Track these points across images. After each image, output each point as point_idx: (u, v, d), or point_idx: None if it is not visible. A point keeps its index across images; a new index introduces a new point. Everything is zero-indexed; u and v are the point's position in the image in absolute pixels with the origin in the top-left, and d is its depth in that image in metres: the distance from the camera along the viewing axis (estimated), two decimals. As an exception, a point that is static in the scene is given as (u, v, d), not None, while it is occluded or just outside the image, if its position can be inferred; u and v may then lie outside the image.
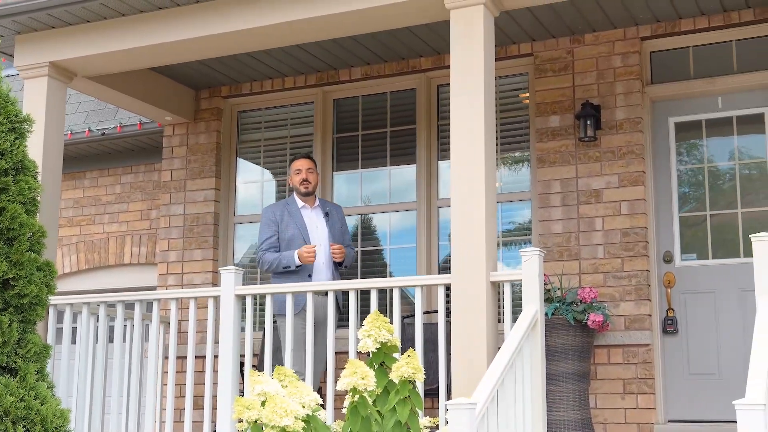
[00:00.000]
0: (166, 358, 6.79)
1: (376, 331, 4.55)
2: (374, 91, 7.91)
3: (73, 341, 8.86)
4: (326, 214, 6.62)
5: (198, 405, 7.30)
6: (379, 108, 7.92)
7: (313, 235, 6.54)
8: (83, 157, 10.11)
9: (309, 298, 5.83)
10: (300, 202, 6.63)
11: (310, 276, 6.40)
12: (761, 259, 4.83)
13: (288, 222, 6.52)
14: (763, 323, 4.55)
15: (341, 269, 6.68)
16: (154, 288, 8.96)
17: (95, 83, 7.35)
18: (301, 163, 6.66)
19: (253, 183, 8.36)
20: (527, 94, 7.39)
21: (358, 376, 4.37)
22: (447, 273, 5.78)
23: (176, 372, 6.58)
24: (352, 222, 7.79)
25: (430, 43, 7.29)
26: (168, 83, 8.10)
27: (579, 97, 6.98)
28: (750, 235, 4.93)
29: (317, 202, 6.71)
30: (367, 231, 7.84)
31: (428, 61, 7.58)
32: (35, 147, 6.39)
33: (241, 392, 6.65)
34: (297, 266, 6.35)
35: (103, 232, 10.12)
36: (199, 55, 6.81)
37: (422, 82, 7.68)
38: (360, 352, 5.19)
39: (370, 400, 4.55)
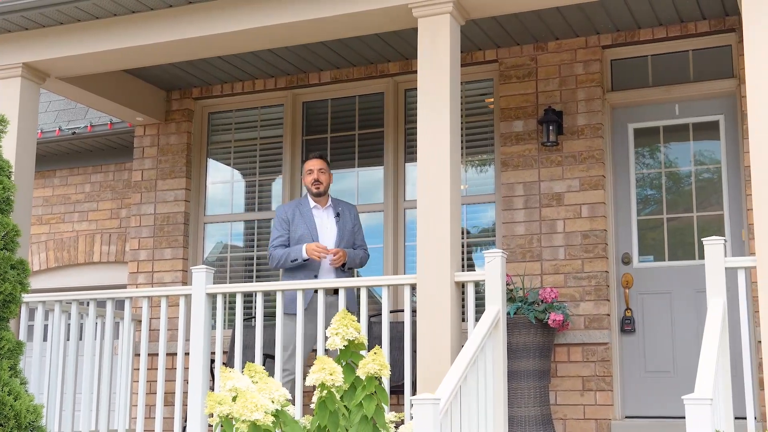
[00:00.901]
0: (137, 355, 6.91)
1: (344, 329, 4.73)
2: (343, 95, 8.08)
3: (45, 338, 8.95)
4: (337, 215, 6.62)
5: (169, 401, 7.42)
6: (347, 111, 8.09)
7: (322, 236, 6.57)
8: (53, 155, 10.19)
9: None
10: (312, 202, 6.65)
11: (316, 276, 6.42)
12: (712, 261, 5.06)
13: (299, 222, 6.55)
14: (713, 323, 4.77)
15: (346, 270, 6.64)
16: (123, 286, 9.07)
17: (68, 84, 7.44)
18: (313, 164, 6.65)
19: (223, 183, 8.50)
20: (492, 99, 7.59)
21: (327, 372, 4.54)
22: (413, 273, 5.95)
23: (147, 369, 6.70)
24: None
25: (398, 49, 7.47)
26: (140, 84, 8.21)
27: (542, 103, 7.20)
28: (702, 239, 5.15)
29: (330, 202, 6.70)
30: (335, 231, 7.99)
31: (396, 65, 7.76)
32: (8, 147, 6.51)
33: (212, 389, 6.79)
34: (304, 259, 6.38)
35: (72, 230, 10.20)
36: (171, 58, 6.94)
37: (390, 86, 7.86)
38: (328, 349, 5.37)
39: (337, 396, 4.72)
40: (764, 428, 4.13)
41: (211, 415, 4.47)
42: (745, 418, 4.96)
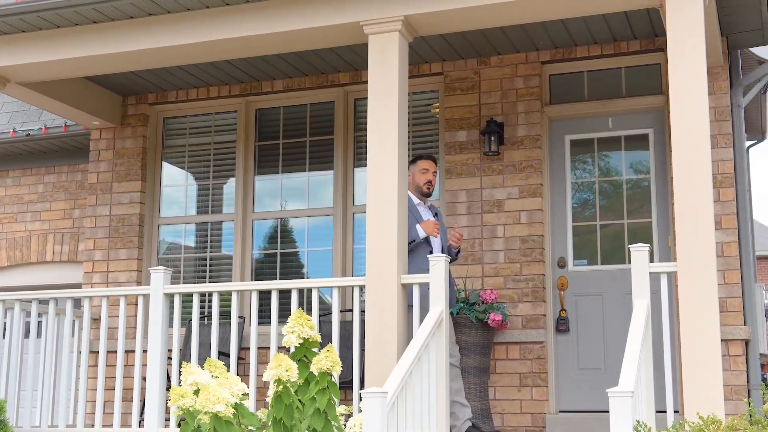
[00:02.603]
0: (96, 352, 7.17)
1: (299, 327, 5.09)
2: (295, 103, 8.41)
3: (3, 336, 9.12)
4: (435, 214, 6.63)
5: (127, 397, 7.68)
6: (299, 118, 8.43)
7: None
8: (6, 156, 10.35)
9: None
10: (416, 199, 6.57)
11: (431, 252, 6.37)
12: (638, 266, 5.49)
13: (409, 215, 6.42)
14: (637, 323, 5.20)
15: (457, 257, 6.73)
16: (77, 285, 9.29)
17: (27, 89, 7.66)
18: (429, 164, 6.60)
19: (177, 186, 8.77)
20: (438, 107, 7.98)
21: (283, 369, 4.89)
22: (361, 274, 6.30)
23: (106, 366, 6.96)
24: (269, 226, 8.29)
25: (349, 60, 7.83)
26: (97, 90, 8.45)
27: (484, 115, 7.61)
28: (630, 246, 5.59)
29: (428, 202, 6.71)
30: (285, 234, 8.33)
31: (346, 76, 8.11)
32: (-29, 150, 6.71)
33: (168, 384, 7.07)
34: (423, 237, 6.34)
35: (25, 230, 10.37)
36: (129, 67, 7.19)
37: (340, 95, 8.21)
38: (281, 346, 5.69)
39: (292, 391, 5.06)
40: (683, 420, 4.55)
41: (174, 408, 4.77)
42: (666, 411, 5.42)
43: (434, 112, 8.01)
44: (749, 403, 4.73)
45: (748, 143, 16.83)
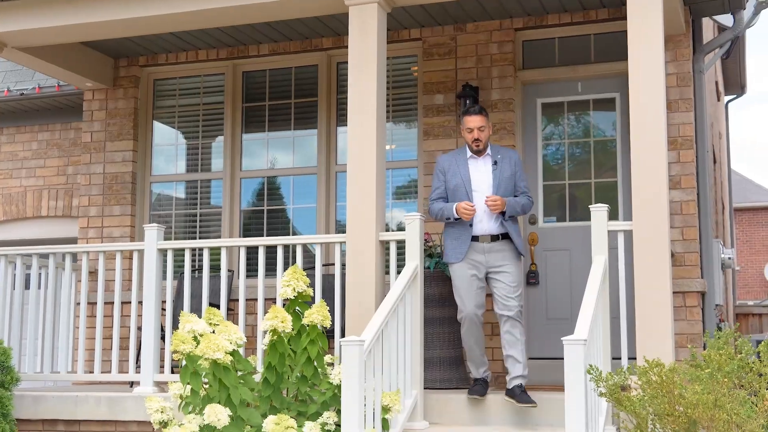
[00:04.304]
0: (93, 303, 7.62)
1: (294, 282, 5.56)
2: (280, 66, 8.79)
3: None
4: (495, 163, 6.46)
5: (123, 346, 8.15)
6: (284, 81, 8.80)
7: (476, 185, 6.42)
8: (0, 114, 10.71)
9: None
10: (469, 153, 6.50)
11: (471, 225, 6.36)
12: (597, 224, 5.97)
13: (455, 171, 6.45)
14: (594, 276, 5.68)
15: (506, 219, 6.42)
16: (73, 239, 9.73)
17: (23, 53, 8.00)
18: (473, 121, 6.43)
19: (167, 145, 9.16)
20: (416, 68, 8.36)
21: (279, 320, 5.36)
22: (343, 230, 6.74)
23: (104, 316, 7.42)
24: (256, 183, 8.72)
25: (332, 26, 8.19)
26: (89, 53, 8.79)
27: (460, 79, 8.00)
28: (590, 206, 6.05)
29: (488, 152, 6.51)
30: (272, 191, 8.75)
31: (329, 41, 8.48)
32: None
33: (162, 334, 7.53)
34: (455, 218, 6.34)
35: (20, 185, 10.78)
36: (122, 33, 7.56)
37: (323, 59, 8.58)
38: (267, 298, 6.14)
39: (285, 340, 5.54)
40: (629, 365, 5.04)
41: (175, 352, 5.23)
42: (620, 358, 5.93)
43: (413, 70, 8.38)
44: (691, 349, 5.24)
45: (728, 98, 17.34)
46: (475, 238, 6.37)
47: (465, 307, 6.35)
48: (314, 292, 6.63)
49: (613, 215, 7.49)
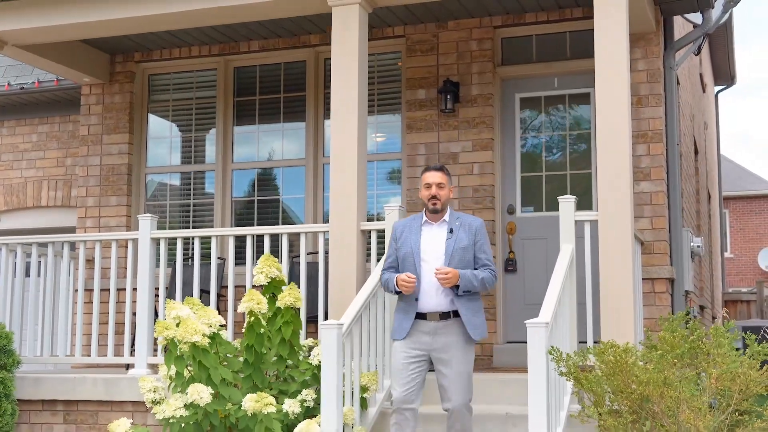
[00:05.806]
0: (90, 290, 7.99)
1: (267, 268, 5.91)
2: (270, 62, 9.13)
3: None
4: (450, 231, 5.70)
5: (119, 331, 8.51)
6: (274, 76, 9.15)
7: (425, 255, 5.64)
8: (1, 108, 11.08)
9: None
10: (424, 218, 5.79)
11: (416, 300, 5.59)
12: (564, 215, 6.32)
13: (406, 238, 5.72)
14: (561, 264, 6.03)
15: (461, 294, 5.60)
16: (72, 228, 10.10)
17: (23, 51, 8.34)
18: (432, 176, 5.77)
19: (162, 138, 9.51)
20: (400, 63, 8.70)
21: (254, 302, 5.73)
22: (326, 223, 7.08)
23: (100, 302, 7.79)
24: (248, 175, 9.07)
25: (319, 24, 8.52)
26: (87, 49, 9.13)
27: (442, 75, 8.34)
28: (558, 197, 6.39)
29: (446, 218, 5.78)
30: (262, 182, 9.10)
31: (317, 37, 8.82)
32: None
33: (155, 318, 7.89)
34: (397, 291, 5.63)
35: (21, 176, 11.15)
36: (119, 32, 7.93)
37: (311, 55, 8.92)
38: (254, 285, 6.48)
39: (263, 322, 5.90)
40: (595, 348, 5.39)
41: (159, 339, 5.61)
42: (586, 342, 6.28)
43: (399, 66, 8.71)
44: (647, 332, 5.61)
45: (717, 88, 17.63)
46: (421, 315, 5.56)
47: (394, 391, 5.58)
48: (300, 280, 7.00)
49: (587, 206, 7.87)
